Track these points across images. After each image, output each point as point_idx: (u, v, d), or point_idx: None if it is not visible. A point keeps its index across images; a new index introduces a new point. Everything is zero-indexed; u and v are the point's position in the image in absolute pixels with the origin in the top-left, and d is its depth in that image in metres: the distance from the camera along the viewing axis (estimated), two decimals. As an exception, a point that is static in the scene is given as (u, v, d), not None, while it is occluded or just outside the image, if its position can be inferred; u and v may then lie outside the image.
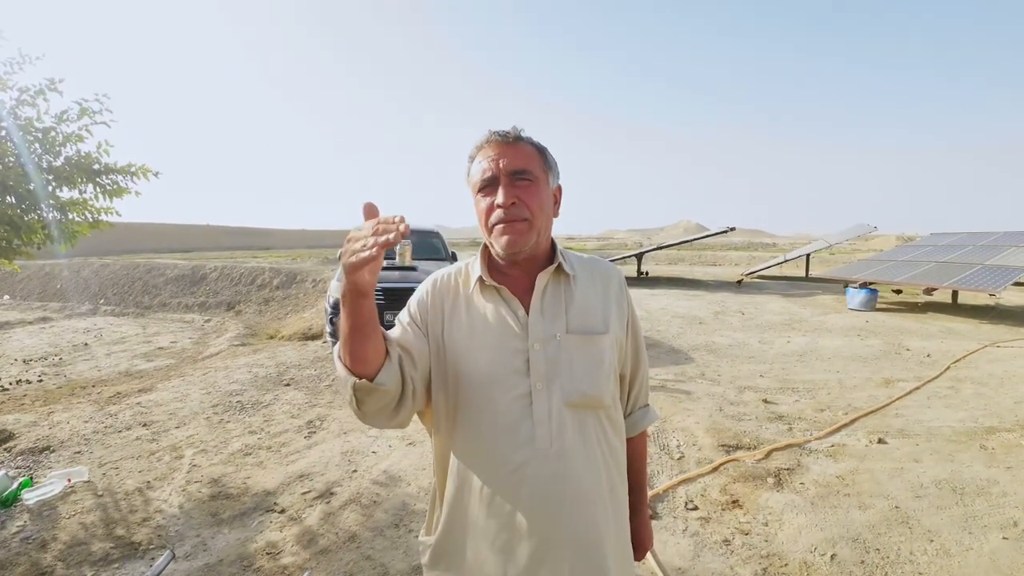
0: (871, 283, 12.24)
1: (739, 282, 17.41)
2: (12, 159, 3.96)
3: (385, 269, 7.72)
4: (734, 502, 3.46)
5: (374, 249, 0.86)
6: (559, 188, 1.26)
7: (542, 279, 1.20)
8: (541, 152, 1.21)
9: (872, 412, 5.05)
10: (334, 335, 7.19)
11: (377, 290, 6.95)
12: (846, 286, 14.23)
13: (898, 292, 13.44)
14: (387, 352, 1.07)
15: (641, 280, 17.75)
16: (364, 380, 1.01)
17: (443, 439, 1.22)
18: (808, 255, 20.02)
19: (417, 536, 3.06)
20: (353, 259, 0.88)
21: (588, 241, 74.70)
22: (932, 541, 3.03)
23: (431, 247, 8.76)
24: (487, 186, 1.16)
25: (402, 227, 0.86)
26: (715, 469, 3.89)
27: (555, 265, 1.22)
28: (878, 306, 11.74)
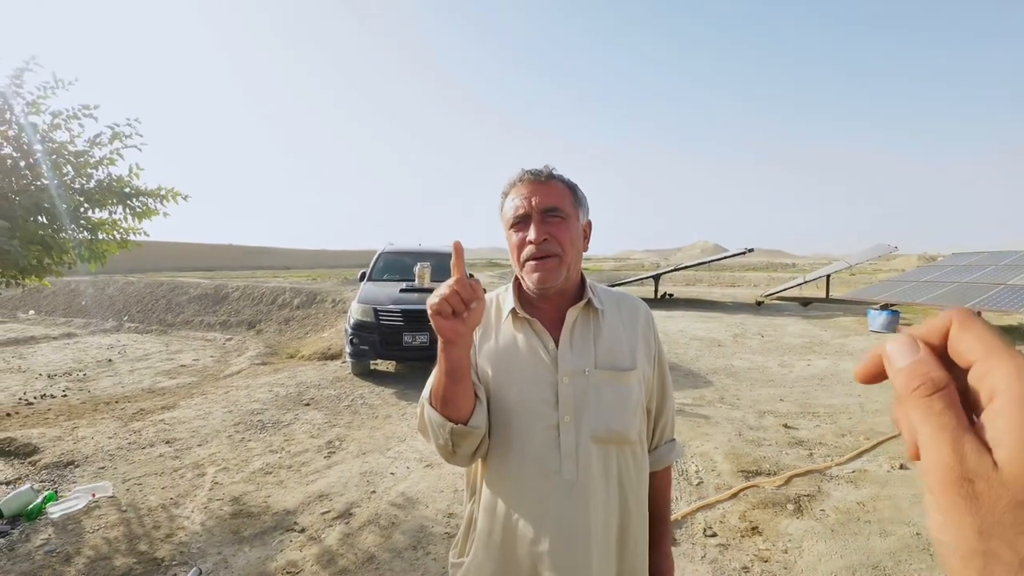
0: (892, 305, 12.09)
1: (758, 303, 17.27)
2: (45, 181, 4.10)
3: (404, 291, 7.75)
4: (753, 529, 3.43)
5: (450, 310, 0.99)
6: (589, 223, 1.30)
7: (572, 314, 1.23)
8: (572, 189, 1.25)
9: (894, 437, 4.98)
10: (353, 355, 7.26)
11: (396, 312, 7.05)
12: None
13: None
14: (476, 395, 1.14)
15: (659, 302, 17.66)
16: (461, 425, 1.08)
17: (475, 465, 1.26)
18: (828, 276, 19.82)
19: (434, 558, 3.07)
20: (438, 310, 0.99)
21: (604, 262, 74.55)
22: (956, 571, 2.98)
23: (449, 269, 8.85)
24: (520, 222, 1.21)
25: (474, 306, 1.00)
26: (734, 495, 3.86)
27: (584, 300, 1.25)
28: (900, 328, 11.57)
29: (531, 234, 1.17)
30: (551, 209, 1.19)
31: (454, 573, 1.27)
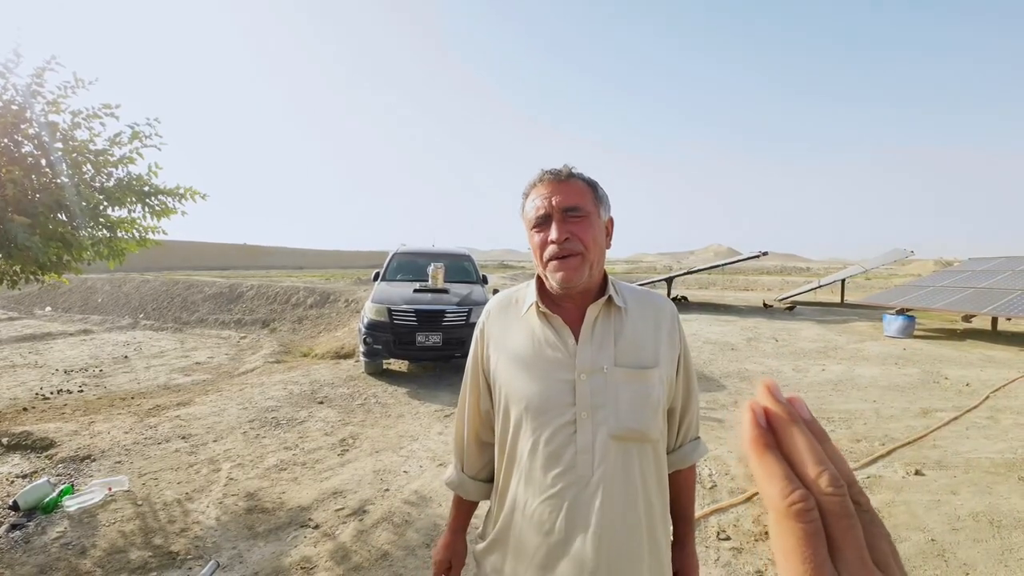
0: (908, 310, 11.98)
1: (766, 306, 17.15)
2: (65, 179, 4.15)
3: (418, 291, 7.76)
4: (767, 533, 3.40)
5: None
6: (610, 220, 1.29)
7: (592, 311, 1.22)
8: (592, 187, 1.24)
9: (909, 443, 4.94)
10: (367, 354, 7.28)
11: (410, 312, 7.06)
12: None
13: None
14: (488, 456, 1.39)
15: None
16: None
17: (496, 458, 1.29)
18: (843, 280, 19.67)
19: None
20: None
21: (617, 264, 74.42)
22: (968, 574, 2.95)
23: (463, 270, 8.87)
24: (541, 222, 1.21)
25: None
26: (748, 499, 3.84)
27: (605, 297, 1.24)
28: (916, 333, 11.47)
29: (553, 233, 1.18)
30: (572, 208, 1.19)
31: (478, 558, 1.32)
